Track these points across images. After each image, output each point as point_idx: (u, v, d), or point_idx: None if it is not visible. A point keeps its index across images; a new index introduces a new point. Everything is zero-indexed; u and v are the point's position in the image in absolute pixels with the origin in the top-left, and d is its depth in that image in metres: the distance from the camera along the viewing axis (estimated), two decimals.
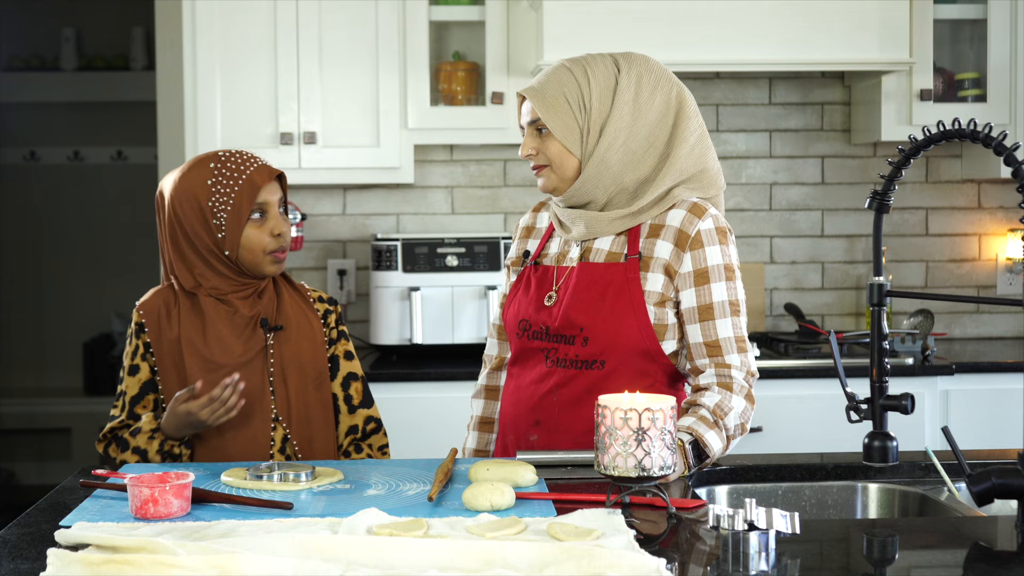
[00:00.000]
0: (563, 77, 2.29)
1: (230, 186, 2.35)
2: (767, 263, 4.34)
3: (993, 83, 3.98)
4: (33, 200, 7.07)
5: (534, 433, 2.33)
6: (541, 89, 2.30)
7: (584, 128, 2.27)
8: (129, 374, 2.42)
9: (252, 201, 2.36)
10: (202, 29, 3.91)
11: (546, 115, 2.27)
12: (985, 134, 1.85)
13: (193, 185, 2.37)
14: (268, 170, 2.39)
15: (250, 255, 2.38)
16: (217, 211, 2.36)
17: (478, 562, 1.59)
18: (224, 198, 2.35)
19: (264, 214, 2.39)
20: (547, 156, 2.30)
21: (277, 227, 2.39)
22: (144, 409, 2.41)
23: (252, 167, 2.37)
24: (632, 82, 2.29)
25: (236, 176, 2.36)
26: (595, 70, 2.29)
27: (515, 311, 2.39)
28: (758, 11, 3.75)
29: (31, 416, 6.80)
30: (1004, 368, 3.79)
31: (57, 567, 1.59)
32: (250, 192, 2.36)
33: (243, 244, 2.37)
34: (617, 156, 2.27)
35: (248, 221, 2.37)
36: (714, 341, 2.24)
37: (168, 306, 2.41)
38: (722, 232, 2.27)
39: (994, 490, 1.84)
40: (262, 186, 2.37)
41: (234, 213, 2.35)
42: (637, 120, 2.28)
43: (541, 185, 2.35)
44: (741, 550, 1.68)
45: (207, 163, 2.38)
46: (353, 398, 2.51)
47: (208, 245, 2.37)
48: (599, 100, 2.27)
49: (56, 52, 7.02)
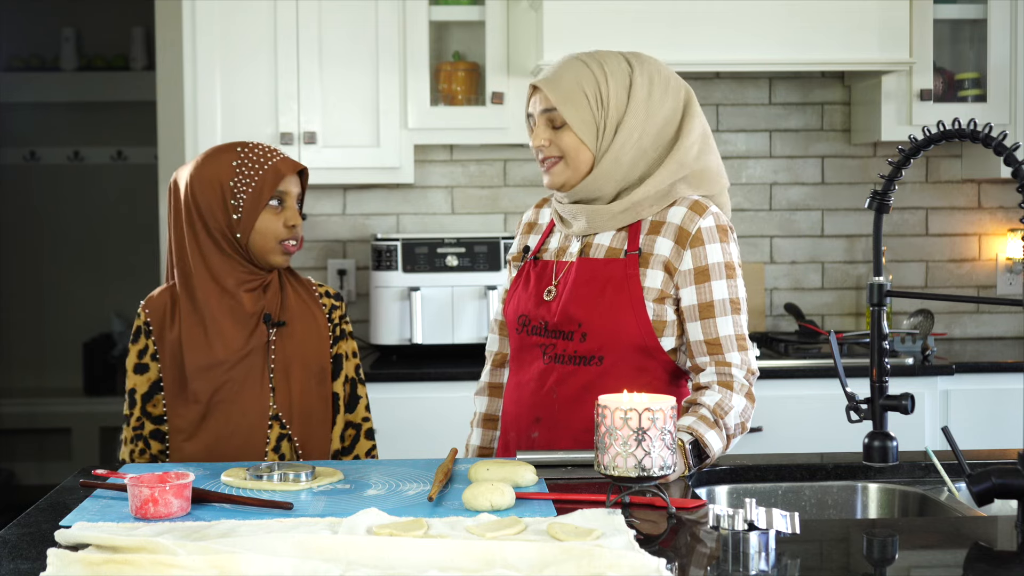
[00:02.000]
0: (580, 70, 2.28)
1: (255, 169, 2.37)
2: (767, 263, 4.34)
3: (993, 83, 3.98)
4: (33, 200, 7.07)
5: (535, 430, 2.33)
6: (557, 80, 2.28)
7: (601, 124, 2.27)
8: (136, 372, 2.43)
9: (274, 187, 2.37)
10: (202, 29, 3.91)
11: (563, 107, 2.26)
12: (985, 134, 1.85)
13: (218, 165, 2.38)
14: (293, 163, 2.42)
15: (262, 240, 2.38)
16: (238, 192, 2.36)
17: (478, 562, 1.59)
18: (247, 180, 2.36)
19: (282, 203, 2.40)
20: (561, 148, 2.29)
21: (293, 218, 2.40)
22: (155, 408, 2.42)
23: (277, 156, 2.40)
24: (645, 81, 2.29)
25: (262, 161, 2.38)
26: (611, 67, 2.28)
27: (515, 306, 2.39)
28: (758, 11, 3.75)
29: (31, 416, 6.80)
30: (1004, 368, 3.79)
31: (57, 567, 1.59)
32: (273, 178, 2.37)
33: (257, 229, 2.37)
34: (630, 154, 2.27)
35: (265, 207, 2.38)
36: (714, 339, 2.23)
37: (172, 305, 2.41)
38: (723, 230, 2.27)
39: (994, 490, 1.84)
40: (286, 175, 2.39)
41: (254, 196, 2.36)
42: (649, 119, 2.28)
43: (549, 181, 2.33)
44: (741, 550, 1.68)
45: (233, 148, 2.40)
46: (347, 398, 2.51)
47: (222, 227, 2.37)
48: (616, 97, 2.27)
49: (56, 52, 7.02)
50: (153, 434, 2.43)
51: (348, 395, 2.51)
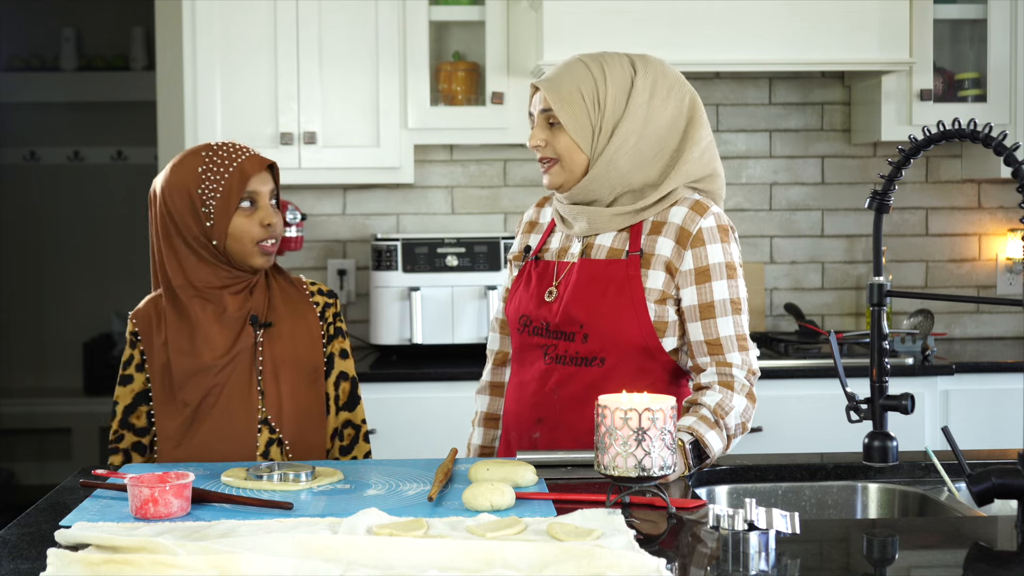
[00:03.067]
0: (580, 72, 2.28)
1: (220, 174, 2.32)
2: (767, 263, 4.34)
3: (993, 83, 3.98)
4: (33, 200, 7.07)
5: (537, 431, 2.33)
6: (557, 81, 2.28)
7: (596, 126, 2.27)
8: (121, 384, 2.41)
9: (242, 189, 2.32)
10: (202, 29, 3.91)
11: (559, 108, 2.26)
12: (985, 134, 1.85)
13: (183, 174, 2.33)
14: (259, 160, 2.36)
15: (238, 245, 2.34)
16: (206, 199, 2.32)
17: (478, 562, 1.59)
18: (214, 186, 2.31)
19: (254, 203, 2.35)
20: (556, 149, 2.29)
21: (267, 217, 2.35)
22: (138, 420, 2.41)
23: (243, 156, 2.34)
24: (648, 85, 2.28)
25: (226, 164, 2.32)
26: (612, 69, 2.28)
27: (516, 306, 2.39)
28: (758, 11, 3.75)
29: (31, 416, 6.80)
30: (1004, 368, 3.79)
31: (57, 567, 1.59)
32: (239, 180, 2.32)
33: (231, 233, 2.33)
34: (626, 158, 2.27)
35: (237, 210, 2.33)
36: (715, 339, 2.23)
37: (159, 313, 2.38)
38: (724, 230, 2.27)
39: (994, 490, 1.84)
40: (252, 175, 2.34)
41: (223, 201, 2.31)
42: (649, 124, 2.27)
43: (547, 182, 2.33)
44: (741, 550, 1.68)
45: (198, 153, 2.35)
46: (340, 399, 2.47)
47: (196, 235, 2.33)
48: (614, 100, 2.27)
49: (56, 52, 7.02)
50: (135, 446, 2.41)
51: (349, 393, 2.48)
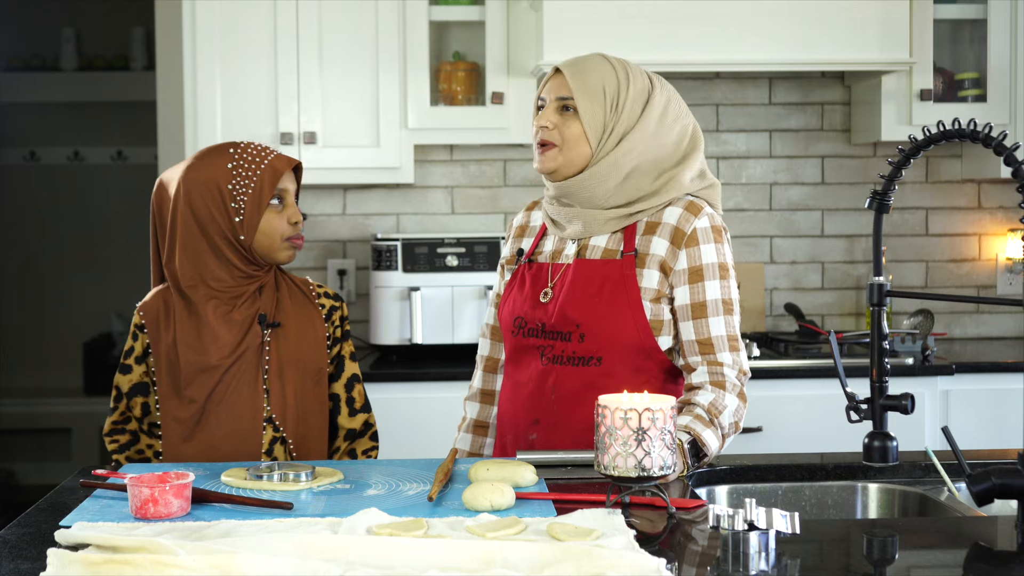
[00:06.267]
0: (606, 69, 2.31)
1: (252, 170, 2.35)
2: (767, 263, 4.34)
3: (993, 83, 3.98)
4: (33, 200, 7.07)
5: (533, 432, 2.33)
6: (583, 71, 2.30)
7: (609, 126, 2.28)
8: (121, 372, 2.42)
9: (273, 186, 2.36)
10: (202, 29, 3.91)
11: (580, 96, 2.28)
12: (985, 134, 1.85)
13: (212, 169, 2.36)
14: (288, 159, 2.41)
15: (267, 240, 2.37)
16: (237, 194, 2.34)
17: (478, 562, 1.59)
18: (245, 182, 2.35)
19: (282, 201, 2.39)
20: (562, 135, 2.30)
21: (295, 215, 2.39)
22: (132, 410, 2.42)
23: (272, 154, 2.39)
24: (662, 101, 2.32)
25: (258, 161, 2.36)
26: (635, 77, 2.31)
27: (510, 309, 2.39)
28: (758, 11, 3.76)
29: (31, 416, 6.80)
30: (1004, 368, 3.79)
31: (57, 567, 1.59)
32: (272, 177, 2.36)
33: (261, 229, 2.36)
34: (629, 166, 2.29)
35: (268, 207, 2.37)
36: (706, 339, 2.25)
37: (167, 307, 2.39)
38: (718, 231, 2.28)
39: (994, 490, 1.84)
40: (283, 173, 2.38)
41: (255, 197, 2.34)
42: (656, 139, 2.30)
43: (540, 165, 2.33)
44: (741, 550, 1.68)
45: (225, 149, 2.38)
46: (356, 400, 2.50)
47: (222, 230, 2.35)
48: (631, 106, 2.29)
49: (56, 52, 7.02)
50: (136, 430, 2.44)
51: (365, 395, 2.52)
